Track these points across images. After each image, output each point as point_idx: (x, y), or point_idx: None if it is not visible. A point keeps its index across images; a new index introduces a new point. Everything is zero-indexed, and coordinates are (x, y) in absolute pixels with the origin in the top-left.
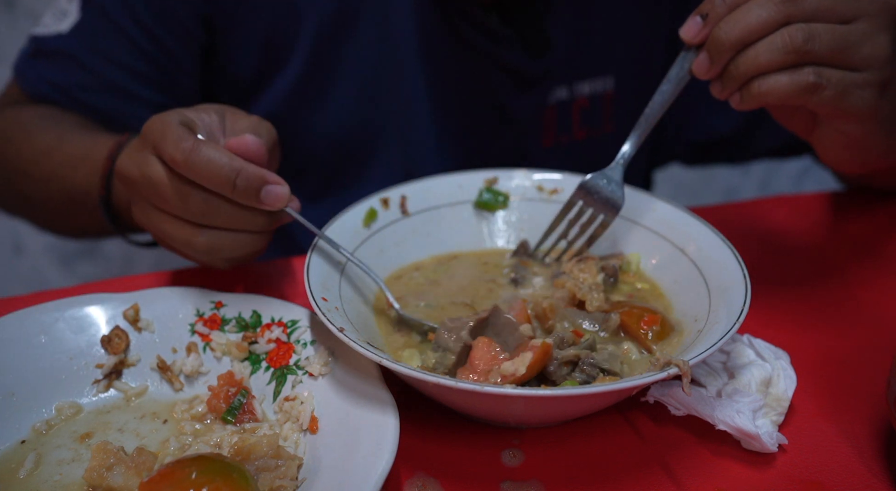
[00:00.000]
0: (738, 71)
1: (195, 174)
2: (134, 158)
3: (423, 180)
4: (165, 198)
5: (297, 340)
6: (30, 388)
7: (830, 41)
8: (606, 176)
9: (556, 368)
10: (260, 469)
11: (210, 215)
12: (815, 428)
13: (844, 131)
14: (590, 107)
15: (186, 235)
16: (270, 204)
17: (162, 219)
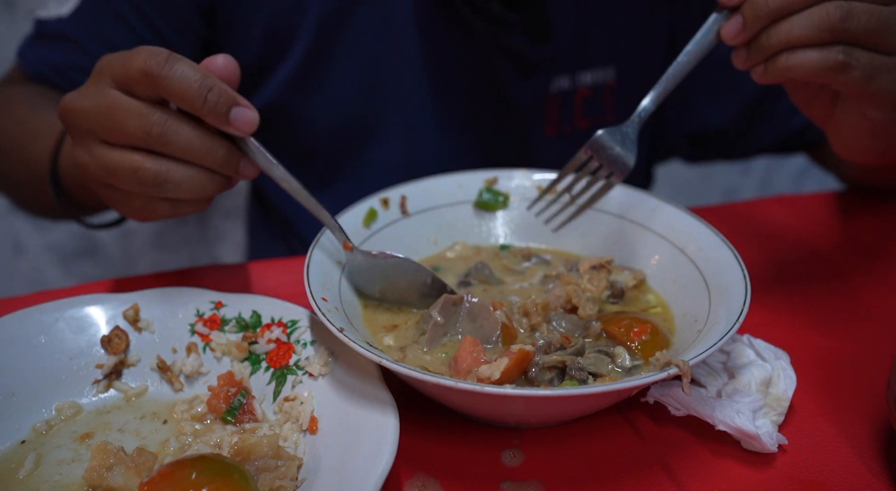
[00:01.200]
0: (769, 42)
1: (166, 85)
2: (85, 92)
3: (423, 180)
4: (118, 123)
5: (297, 340)
6: (30, 388)
7: (868, 22)
8: (622, 132)
9: (538, 373)
10: (260, 469)
11: (167, 137)
12: (815, 428)
13: (867, 116)
14: (592, 97)
15: (134, 163)
16: (238, 126)
17: (107, 150)
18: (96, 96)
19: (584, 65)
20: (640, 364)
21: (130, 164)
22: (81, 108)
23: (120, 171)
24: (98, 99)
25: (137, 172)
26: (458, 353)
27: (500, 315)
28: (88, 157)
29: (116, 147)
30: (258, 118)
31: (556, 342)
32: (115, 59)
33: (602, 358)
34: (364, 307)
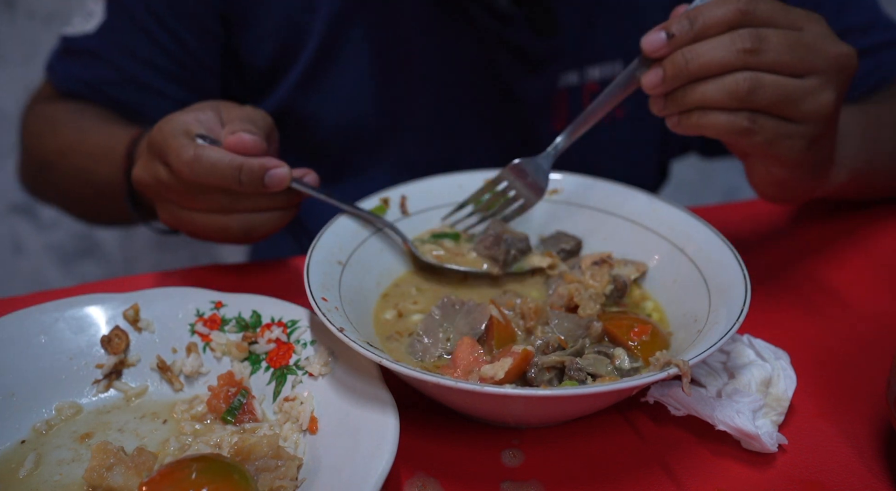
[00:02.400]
0: (684, 99)
1: (203, 181)
2: (145, 168)
3: (423, 180)
4: (186, 198)
5: (297, 340)
6: (30, 388)
7: (773, 95)
8: (536, 163)
9: (538, 373)
10: (260, 469)
11: (234, 206)
12: (815, 428)
13: (770, 171)
14: (600, 91)
15: (220, 225)
16: (275, 187)
17: (190, 215)
18: (155, 173)
19: (592, 60)
20: (639, 366)
21: (216, 227)
22: (146, 183)
23: (209, 232)
24: (158, 176)
25: (226, 232)
26: (457, 352)
27: (492, 309)
28: (174, 220)
29: (197, 210)
30: (288, 171)
31: (553, 342)
32: (158, 143)
33: (601, 359)
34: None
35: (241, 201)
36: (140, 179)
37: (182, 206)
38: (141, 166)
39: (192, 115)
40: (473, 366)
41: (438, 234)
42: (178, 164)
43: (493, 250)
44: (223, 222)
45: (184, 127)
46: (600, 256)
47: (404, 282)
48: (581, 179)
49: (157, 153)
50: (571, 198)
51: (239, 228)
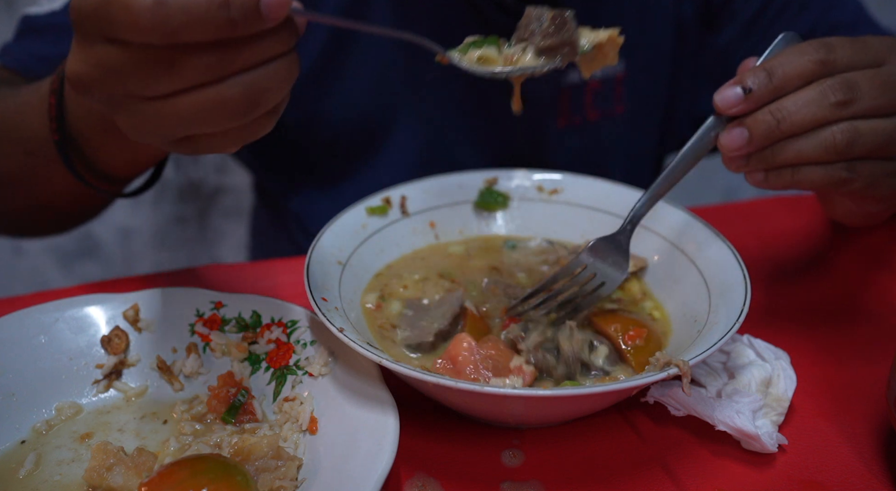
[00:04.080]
0: (774, 158)
1: (176, 36)
2: (82, 58)
3: (423, 180)
4: (155, 77)
5: (297, 340)
6: (30, 388)
7: (873, 142)
8: (615, 241)
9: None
10: (260, 470)
11: (228, 64)
12: (815, 428)
13: (862, 206)
14: (601, 88)
15: (215, 99)
16: (275, 15)
17: (168, 105)
18: (98, 58)
19: None
20: (613, 370)
21: (211, 104)
22: (86, 78)
23: (202, 116)
24: (102, 60)
25: (225, 108)
26: (452, 349)
27: (467, 303)
28: (143, 124)
29: (175, 95)
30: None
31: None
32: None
33: (584, 343)
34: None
35: (235, 54)
36: (78, 76)
37: (151, 94)
38: (75, 60)
39: None
40: (468, 363)
41: (474, 41)
42: (133, 24)
43: (557, 36)
44: (218, 95)
45: None
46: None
47: (399, 265)
48: (581, 179)
49: (95, 27)
50: (571, 198)
51: (242, 97)
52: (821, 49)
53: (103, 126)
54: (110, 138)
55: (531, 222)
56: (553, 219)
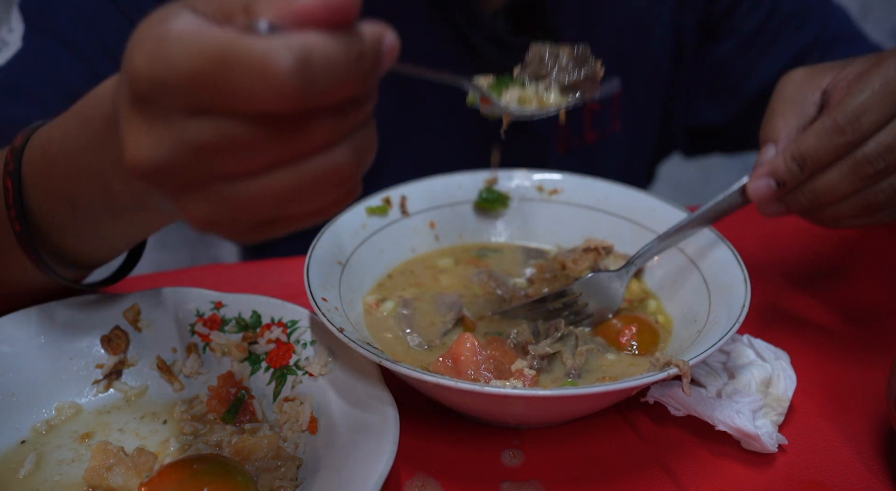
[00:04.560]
0: (814, 217)
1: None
2: (156, 137)
3: (424, 180)
4: (263, 153)
5: (297, 340)
6: (30, 388)
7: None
8: (612, 279)
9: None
10: (260, 469)
11: (344, 125)
12: (815, 428)
13: None
14: (600, 109)
15: (327, 167)
16: (392, 58)
17: (265, 182)
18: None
19: None
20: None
21: (326, 170)
22: (181, 162)
23: (308, 191)
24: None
25: (336, 173)
26: (455, 348)
27: (464, 310)
28: (227, 207)
29: (278, 168)
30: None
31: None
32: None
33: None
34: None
35: (353, 112)
36: (153, 164)
37: (253, 171)
38: (144, 143)
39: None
40: (470, 364)
41: (499, 81)
42: (267, 93)
43: (580, 71)
44: (332, 162)
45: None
46: (601, 243)
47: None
48: (581, 179)
49: (191, 99)
50: (571, 198)
51: (353, 160)
52: (848, 126)
53: (83, 209)
54: (89, 223)
55: (531, 222)
56: (553, 219)
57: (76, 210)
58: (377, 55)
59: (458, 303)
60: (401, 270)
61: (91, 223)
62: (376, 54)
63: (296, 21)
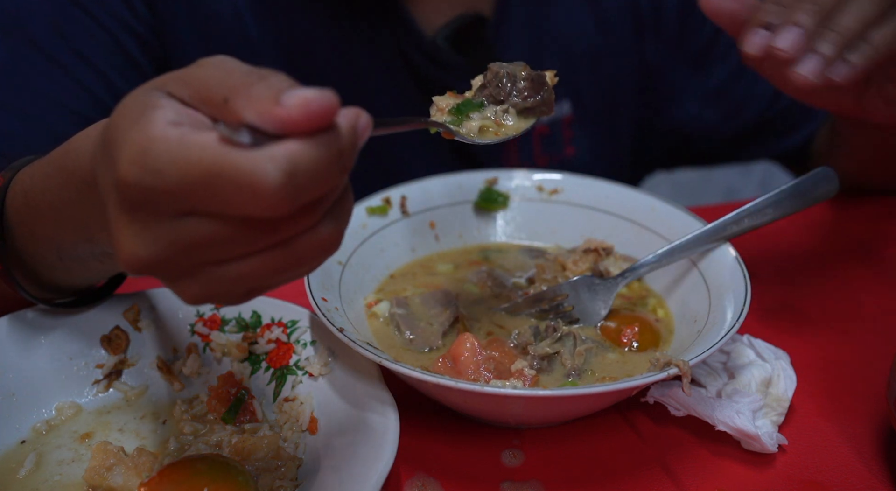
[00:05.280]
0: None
1: (303, 201)
2: (146, 236)
3: (423, 180)
4: (250, 244)
5: (297, 340)
6: (30, 388)
7: None
8: (605, 286)
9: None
10: (260, 469)
11: (327, 203)
12: (815, 428)
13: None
14: (549, 133)
15: (312, 244)
16: (365, 134)
17: (253, 263)
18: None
19: None
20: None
21: (312, 246)
22: (171, 256)
23: (295, 265)
24: (208, 233)
25: (321, 246)
26: (455, 348)
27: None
28: (217, 286)
29: (266, 251)
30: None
31: (523, 342)
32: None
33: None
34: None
35: (333, 192)
36: (142, 260)
37: (240, 257)
38: (134, 242)
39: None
40: (470, 364)
41: (458, 106)
42: (256, 202)
43: (537, 96)
44: (317, 238)
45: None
46: (600, 244)
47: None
48: (581, 179)
49: (181, 204)
50: (571, 198)
51: (336, 232)
52: None
53: (69, 252)
54: (77, 263)
55: (531, 222)
56: (553, 219)
57: (62, 252)
58: (354, 144)
59: (452, 300)
60: (402, 272)
61: (78, 263)
62: (353, 144)
63: (277, 128)
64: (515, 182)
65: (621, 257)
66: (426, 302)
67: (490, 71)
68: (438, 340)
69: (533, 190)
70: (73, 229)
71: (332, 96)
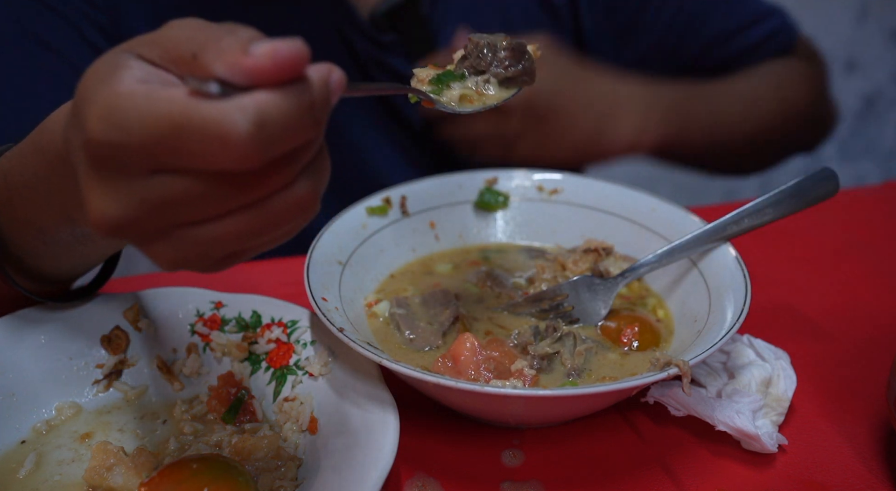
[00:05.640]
0: None
1: (273, 154)
2: (116, 195)
3: (423, 180)
4: (223, 201)
5: (297, 340)
6: (30, 388)
7: None
8: (606, 285)
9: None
10: (260, 469)
11: (301, 161)
12: (815, 428)
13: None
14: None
15: (288, 202)
16: (338, 94)
17: (228, 224)
18: (170, 191)
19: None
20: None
21: (287, 205)
22: (145, 215)
23: (271, 225)
24: (183, 191)
25: (298, 206)
26: (455, 348)
27: (460, 309)
28: (191, 249)
29: (241, 211)
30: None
31: (523, 342)
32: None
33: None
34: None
35: (307, 149)
36: (112, 220)
37: (213, 217)
38: (103, 201)
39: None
40: (469, 364)
41: (439, 76)
42: (226, 154)
43: (519, 65)
44: (293, 197)
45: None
46: (600, 244)
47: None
48: (581, 179)
49: (149, 160)
50: (571, 198)
51: (313, 191)
52: None
53: (52, 236)
54: (61, 248)
55: (531, 222)
56: (553, 219)
57: (45, 236)
58: (326, 98)
59: (452, 299)
60: (402, 272)
61: (62, 248)
62: (325, 98)
63: (246, 79)
64: (515, 182)
65: (621, 257)
66: (426, 302)
67: (470, 42)
68: (438, 340)
69: (533, 190)
70: (51, 209)
71: (301, 46)
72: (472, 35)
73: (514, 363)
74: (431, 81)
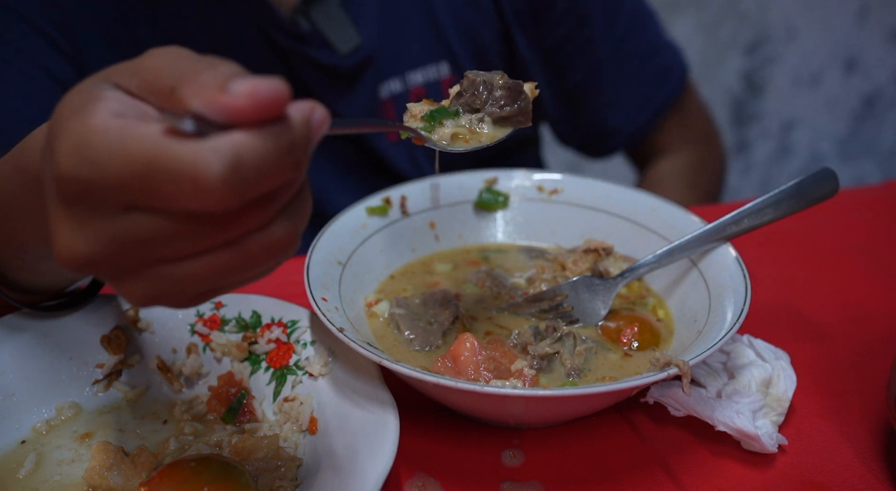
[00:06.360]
0: None
1: (248, 196)
2: (85, 232)
3: (424, 180)
4: (196, 241)
5: (297, 340)
6: (30, 388)
7: None
8: (605, 286)
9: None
10: (260, 469)
11: (280, 202)
12: (815, 428)
13: None
14: (427, 94)
15: (264, 243)
16: (320, 133)
17: (202, 263)
18: (136, 230)
19: (412, 65)
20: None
21: (264, 246)
22: (109, 253)
23: (248, 265)
24: (150, 230)
25: (275, 246)
26: (455, 348)
27: (460, 309)
28: (166, 287)
29: (216, 250)
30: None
31: (522, 342)
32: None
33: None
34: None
35: (287, 190)
36: (81, 257)
37: (187, 256)
38: (72, 237)
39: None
40: (469, 364)
41: (432, 113)
42: (198, 196)
43: (514, 105)
44: (269, 238)
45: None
46: (600, 245)
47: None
48: (581, 179)
49: (120, 199)
50: (571, 198)
51: (292, 231)
52: None
53: (32, 253)
54: (41, 264)
55: (531, 222)
56: (553, 219)
57: (25, 253)
58: (307, 138)
59: (452, 299)
60: (402, 272)
61: (42, 264)
62: (306, 138)
63: (224, 117)
64: (515, 182)
65: (621, 257)
66: (426, 302)
67: (466, 79)
68: (438, 340)
69: (533, 190)
70: (28, 228)
71: (282, 85)
72: (468, 72)
73: (514, 363)
74: (424, 118)
